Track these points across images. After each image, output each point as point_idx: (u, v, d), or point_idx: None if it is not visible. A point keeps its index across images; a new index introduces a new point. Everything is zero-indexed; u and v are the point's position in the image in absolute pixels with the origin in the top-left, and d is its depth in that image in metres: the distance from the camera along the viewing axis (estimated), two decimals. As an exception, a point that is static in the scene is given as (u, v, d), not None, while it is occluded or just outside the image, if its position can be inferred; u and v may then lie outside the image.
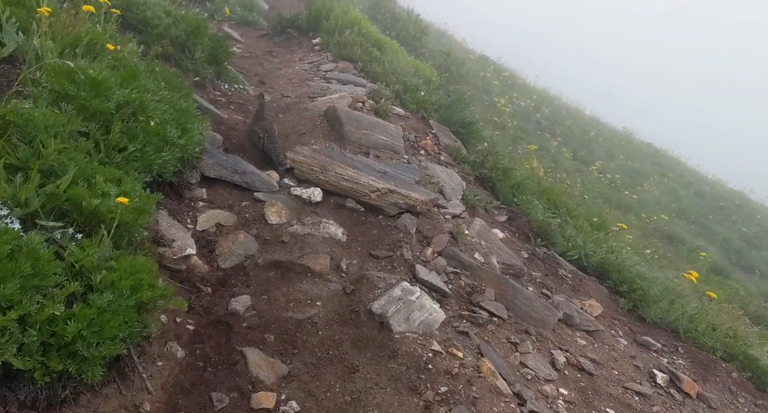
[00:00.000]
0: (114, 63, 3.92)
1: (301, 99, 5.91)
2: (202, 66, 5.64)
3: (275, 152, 4.62)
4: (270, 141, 4.66)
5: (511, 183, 5.40)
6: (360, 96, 6.01)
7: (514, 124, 15.22)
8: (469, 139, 6.06)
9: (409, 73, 8.17)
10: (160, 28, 5.29)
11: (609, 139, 20.13)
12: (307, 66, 7.17)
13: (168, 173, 3.49)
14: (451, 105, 6.17)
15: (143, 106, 3.46)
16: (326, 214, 4.18)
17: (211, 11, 9.35)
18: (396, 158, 5.13)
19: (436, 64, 13.03)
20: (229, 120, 5.09)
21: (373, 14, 13.99)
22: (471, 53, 20.20)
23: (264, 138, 4.64)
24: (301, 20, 8.11)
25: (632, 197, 14.04)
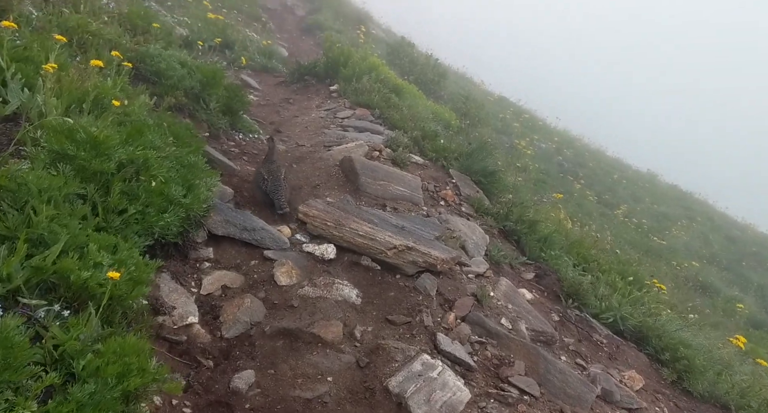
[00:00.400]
0: (121, 118, 3.79)
1: (317, 148, 5.74)
2: (216, 116, 5.53)
3: (277, 195, 4.46)
4: (273, 183, 4.51)
5: (538, 236, 5.08)
6: (377, 144, 5.83)
7: (536, 167, 14.94)
8: (491, 188, 5.79)
9: (428, 118, 8.02)
10: (174, 79, 5.21)
11: (633, 181, 19.70)
12: (324, 113, 7.06)
13: (171, 235, 3.28)
14: (472, 153, 5.94)
15: (147, 165, 3.28)
16: (339, 273, 3.90)
17: (230, 59, 9.42)
18: (415, 210, 4.88)
19: (455, 108, 12.97)
20: (242, 171, 4.92)
21: (391, 59, 14.08)
22: (490, 95, 20.20)
23: (268, 180, 4.52)
24: (318, 67, 8.08)
25: (661, 243, 13.51)
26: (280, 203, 4.45)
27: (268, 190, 4.51)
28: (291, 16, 15.79)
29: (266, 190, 4.51)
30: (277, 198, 4.46)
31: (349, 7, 17.69)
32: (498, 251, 4.65)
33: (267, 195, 4.51)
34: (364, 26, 16.10)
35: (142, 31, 6.57)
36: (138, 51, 5.19)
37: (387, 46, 14.95)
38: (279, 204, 4.45)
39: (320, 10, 15.85)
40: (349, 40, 14.13)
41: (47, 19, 4.53)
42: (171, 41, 6.98)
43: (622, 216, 15.23)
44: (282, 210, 4.43)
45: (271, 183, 4.52)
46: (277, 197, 4.46)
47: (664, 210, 18.04)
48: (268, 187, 4.51)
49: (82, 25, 4.73)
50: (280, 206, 4.43)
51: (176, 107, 5.26)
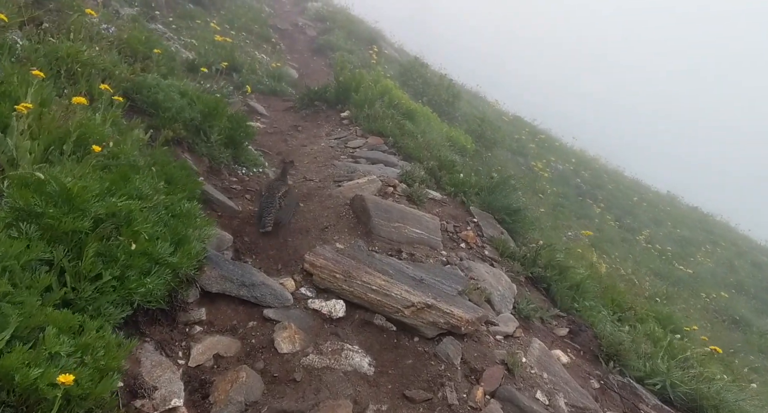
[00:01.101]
0: (105, 162, 3.38)
1: (326, 183, 5.31)
2: (218, 150, 5.13)
3: (265, 212, 4.32)
4: (266, 200, 4.39)
5: (569, 283, 4.58)
6: (390, 179, 5.38)
7: (554, 190, 14.43)
8: (516, 227, 5.31)
9: (444, 145, 7.58)
10: (173, 111, 4.83)
11: (654, 204, 19.07)
12: (334, 142, 6.65)
13: (154, 301, 2.83)
14: (494, 188, 5.48)
15: (130, 218, 2.85)
16: (349, 336, 3.43)
17: (238, 83, 9.09)
18: (433, 255, 4.40)
19: (470, 130, 12.55)
20: (243, 212, 4.49)
21: (404, 80, 13.73)
22: (504, 115, 19.76)
23: (264, 196, 4.43)
24: (329, 92, 7.70)
25: (687, 272, 12.86)
26: (264, 221, 4.27)
27: (261, 205, 4.41)
28: (302, 37, 15.55)
29: (261, 204, 4.42)
30: (264, 215, 4.31)
31: (361, 26, 17.43)
32: (527, 303, 4.15)
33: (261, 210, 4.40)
34: (376, 46, 15.80)
35: (143, 57, 6.24)
36: (134, 81, 4.82)
37: (400, 66, 14.61)
38: (263, 221, 4.28)
39: (332, 30, 15.59)
40: (360, 60, 13.82)
41: (33, 48, 4.17)
42: (173, 67, 6.64)
43: (645, 242, 14.62)
44: (264, 228, 4.24)
45: (264, 199, 4.41)
46: (265, 214, 4.31)
47: (686, 234, 17.39)
48: (262, 203, 4.41)
49: (72, 55, 4.37)
50: (263, 224, 4.26)
51: (174, 141, 4.87)
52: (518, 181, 5.73)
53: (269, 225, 4.26)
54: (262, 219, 4.30)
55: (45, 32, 4.94)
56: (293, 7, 18.80)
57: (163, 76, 6.41)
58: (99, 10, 6.38)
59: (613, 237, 13.76)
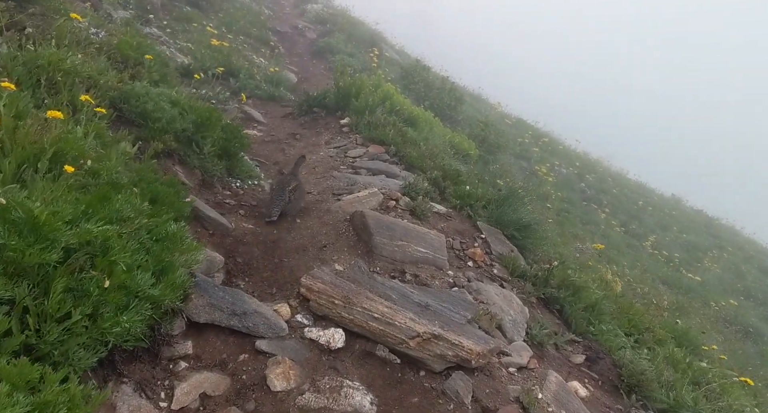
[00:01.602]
0: (84, 181, 3.10)
1: (324, 196, 5.03)
2: (211, 162, 4.86)
3: (272, 204, 4.54)
4: (276, 192, 4.59)
5: (584, 304, 4.30)
6: (392, 192, 5.11)
7: (558, 195, 14.15)
8: (526, 244, 5.03)
9: (447, 152, 7.31)
10: (163, 122, 4.56)
11: (659, 208, 18.78)
12: (334, 151, 6.37)
13: (132, 340, 2.55)
14: (503, 201, 5.20)
15: (106, 247, 2.58)
16: (349, 370, 3.15)
17: (235, 89, 8.83)
18: (439, 276, 4.12)
19: (473, 134, 12.29)
20: (237, 230, 4.21)
21: (405, 84, 13.46)
22: (507, 118, 19.49)
23: (274, 189, 4.64)
24: (328, 98, 7.43)
25: (695, 279, 12.56)
26: (271, 210, 4.50)
27: (271, 197, 4.63)
28: (302, 39, 15.29)
29: (270, 197, 4.64)
30: (272, 205, 4.52)
31: (361, 28, 17.17)
32: (540, 328, 3.87)
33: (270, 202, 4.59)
34: (377, 49, 15.53)
35: (134, 63, 5.97)
36: (122, 90, 4.55)
37: (401, 69, 14.35)
38: (270, 211, 4.50)
39: (332, 33, 15.33)
40: (361, 63, 13.56)
41: (11, 56, 3.90)
42: (166, 74, 6.37)
43: (651, 248, 14.33)
44: (269, 217, 4.46)
45: (275, 191, 4.61)
46: (273, 204, 4.53)
47: (692, 239, 17.09)
48: (273, 195, 4.61)
49: (53, 63, 4.09)
50: (270, 213, 4.48)
51: (165, 153, 4.60)
52: (527, 193, 5.44)
53: (275, 215, 4.47)
54: (269, 209, 4.51)
55: (28, 38, 4.67)
56: (293, 9, 18.54)
57: (155, 83, 6.15)
58: (88, 13, 6.12)
59: (619, 243, 13.47)
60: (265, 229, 4.31)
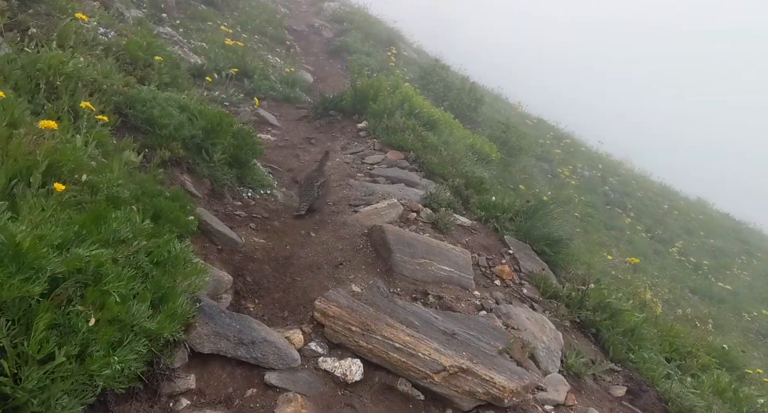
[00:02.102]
0: (79, 198, 2.84)
1: (340, 207, 4.74)
2: (221, 170, 4.59)
3: (302, 197, 4.72)
4: (305, 188, 4.76)
5: (623, 328, 3.95)
6: (413, 203, 4.79)
7: (582, 200, 13.71)
8: (557, 260, 4.68)
9: (468, 157, 6.98)
10: (170, 128, 4.30)
11: (685, 212, 18.19)
12: (350, 157, 6.08)
13: (125, 380, 2.28)
14: (531, 214, 4.85)
15: (99, 275, 2.31)
16: (367, 407, 2.86)
17: (248, 90, 8.58)
18: (465, 298, 3.80)
19: (494, 137, 11.92)
20: (247, 245, 3.93)
21: (424, 84, 13.12)
22: (528, 118, 19.03)
23: (303, 184, 4.82)
24: (345, 101, 7.13)
25: (726, 288, 12.05)
26: (300, 205, 4.67)
27: (300, 192, 4.85)
28: (318, 38, 15.02)
29: (299, 193, 4.86)
30: (301, 200, 4.72)
31: (378, 26, 16.85)
32: (577, 356, 3.53)
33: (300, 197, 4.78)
34: (395, 47, 15.22)
35: (144, 64, 5.73)
36: (127, 94, 4.30)
37: (419, 69, 14.01)
38: (299, 205, 4.68)
39: (348, 31, 15.04)
40: (378, 63, 13.25)
41: (8, 58, 3.66)
42: (177, 76, 6.12)
43: (678, 254, 13.82)
44: (298, 211, 4.62)
45: (304, 187, 4.79)
46: (302, 199, 4.71)
47: (720, 244, 16.51)
48: (301, 190, 4.83)
49: (54, 66, 3.85)
50: (299, 208, 4.65)
51: (172, 161, 4.34)
52: (557, 203, 5.09)
53: (303, 209, 4.62)
54: (299, 204, 4.70)
55: (31, 39, 4.45)
56: (309, 7, 18.29)
57: (164, 86, 5.91)
58: (96, 13, 5.90)
59: (645, 250, 13.01)
60: (277, 244, 4.02)
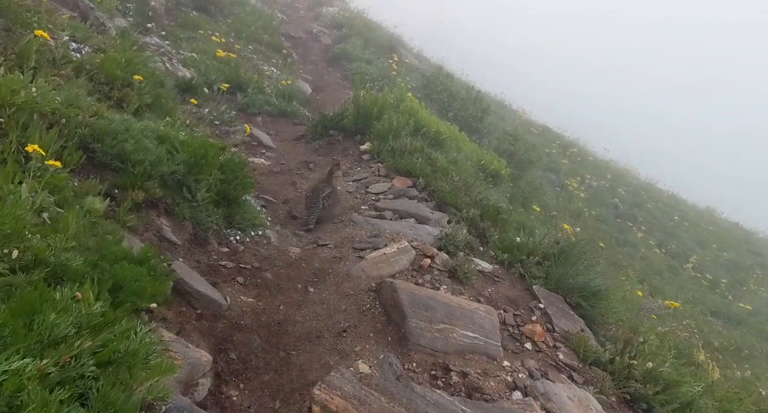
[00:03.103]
0: (8, 280, 2.22)
1: (343, 251, 4.12)
2: (206, 210, 3.97)
3: (311, 211, 4.69)
4: (311, 201, 4.73)
5: (678, 403, 3.33)
6: (426, 246, 4.18)
7: (592, 214, 13.11)
8: (595, 315, 4.07)
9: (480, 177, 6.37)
10: (145, 165, 3.68)
11: (695, 223, 17.62)
12: (353, 185, 5.46)
13: None
14: (562, 257, 4.24)
15: (16, 407, 1.69)
16: None
17: (242, 105, 7.98)
18: (493, 373, 3.19)
19: (501, 149, 11.34)
20: (233, 307, 3.31)
21: (427, 93, 12.54)
22: (533, 126, 18.43)
23: (309, 197, 4.77)
24: (346, 119, 6.52)
25: (746, 308, 11.45)
26: (308, 219, 4.65)
27: (307, 205, 4.76)
28: (317, 45, 14.42)
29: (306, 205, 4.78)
30: (308, 214, 4.68)
31: (379, 32, 16.25)
32: (628, 449, 2.91)
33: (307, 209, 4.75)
34: (396, 54, 14.62)
35: (122, 84, 5.12)
36: (95, 126, 3.68)
37: (422, 77, 13.41)
38: (307, 220, 4.66)
39: (348, 38, 14.43)
40: (379, 71, 12.66)
41: (-56, 90, 3.04)
42: (160, 95, 5.51)
43: (693, 270, 13.22)
44: (307, 226, 4.60)
45: (309, 200, 4.75)
46: (309, 213, 4.68)
47: (733, 257, 15.93)
48: (308, 203, 4.76)
49: (3, 95, 3.23)
50: (307, 222, 4.64)
51: (148, 203, 3.72)
52: (589, 243, 4.47)
53: (311, 223, 4.61)
54: (306, 218, 4.68)
55: (-14, 60, 3.84)
56: (307, 12, 17.69)
57: (145, 108, 5.31)
58: (67, 26, 5.28)
59: (659, 267, 12.43)
60: (268, 304, 3.40)
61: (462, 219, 5.22)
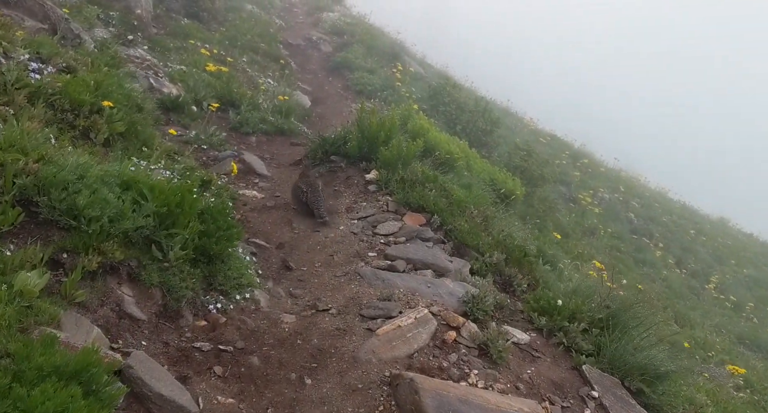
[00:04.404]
0: None
1: (348, 319, 3.39)
2: (180, 273, 3.25)
3: (317, 205, 4.88)
4: (313, 194, 4.92)
5: None
6: (450, 314, 3.46)
7: (608, 232, 12.39)
8: (662, 404, 3.31)
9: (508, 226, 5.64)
10: (103, 222, 2.95)
11: (712, 236, 16.92)
12: (358, 224, 4.74)
13: None
14: (614, 323, 3.49)
15: None
16: None
17: (235, 124, 7.25)
18: None
19: (512, 165, 10.63)
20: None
21: (433, 104, 11.81)
22: (542, 135, 17.66)
23: (307, 192, 4.93)
24: (350, 144, 5.79)
25: (776, 335, 10.72)
26: (320, 212, 4.85)
27: (308, 200, 4.91)
28: (316, 53, 13.70)
29: (306, 201, 4.93)
30: (317, 207, 4.86)
31: (382, 39, 15.50)
32: None
33: (306, 205, 4.93)
34: (400, 63, 13.89)
35: (90, 110, 4.42)
36: (39, 175, 2.95)
37: (428, 87, 12.68)
38: (319, 213, 4.85)
39: (350, 45, 13.71)
40: (382, 80, 11.95)
41: None
42: (135, 122, 4.79)
43: (715, 291, 12.50)
44: (322, 218, 4.82)
45: (310, 194, 4.92)
46: (317, 206, 4.87)
47: (753, 274, 15.21)
48: (308, 197, 4.91)
49: None
50: (320, 215, 4.83)
51: (106, 269, 3.00)
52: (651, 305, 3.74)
53: (326, 215, 4.85)
54: (316, 212, 4.85)
55: None
56: (307, 18, 16.97)
57: (118, 136, 4.60)
58: (24, 43, 4.56)
59: (680, 288, 11.71)
60: (253, 407, 2.67)
61: (485, 266, 4.51)
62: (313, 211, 4.85)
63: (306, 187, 4.95)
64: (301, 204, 4.95)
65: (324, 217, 4.81)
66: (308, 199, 4.90)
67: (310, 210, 4.87)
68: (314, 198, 4.88)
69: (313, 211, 4.85)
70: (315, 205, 4.85)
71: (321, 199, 4.91)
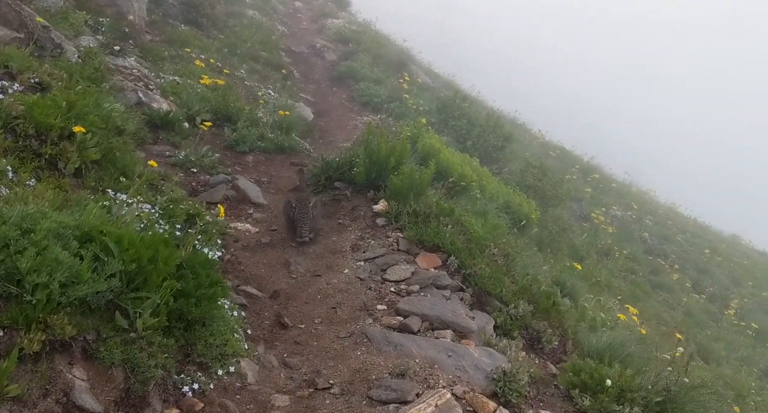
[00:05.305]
0: None
1: (353, 401, 2.81)
2: (149, 344, 2.67)
3: (301, 223, 4.55)
4: (300, 211, 4.59)
5: None
6: (477, 400, 2.87)
7: (623, 253, 11.78)
8: None
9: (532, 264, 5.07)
10: (52, 289, 2.37)
11: (728, 256, 16.30)
12: (365, 267, 4.16)
13: None
14: (675, 407, 2.89)
15: None
16: None
17: (231, 142, 6.68)
18: None
19: (525, 184, 10.07)
20: None
21: (442, 118, 11.24)
22: (551, 149, 17.08)
23: (296, 207, 4.63)
24: (356, 170, 5.21)
25: (805, 369, 10.08)
26: (301, 231, 4.53)
27: (294, 216, 4.60)
28: (320, 62, 13.16)
29: (293, 216, 4.61)
30: (300, 225, 4.54)
31: (388, 48, 14.96)
32: None
33: (293, 222, 4.60)
34: (407, 73, 13.34)
35: (60, 136, 3.85)
36: (-28, 229, 2.37)
37: (436, 99, 12.11)
38: (300, 231, 4.53)
39: (355, 54, 13.16)
40: (388, 91, 11.40)
41: None
42: (113, 147, 4.22)
43: (735, 317, 11.89)
44: (302, 237, 4.52)
45: (298, 210, 4.60)
46: (301, 224, 4.54)
47: (771, 296, 14.56)
48: (295, 213, 4.60)
49: None
50: (301, 234, 4.53)
51: (54, 347, 2.42)
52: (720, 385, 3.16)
53: (306, 234, 4.52)
54: (298, 230, 4.52)
55: None
56: (311, 24, 16.42)
57: (92, 165, 4.03)
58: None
59: (699, 315, 11.09)
60: None
61: (510, 320, 3.93)
62: (295, 229, 4.54)
63: (296, 202, 4.67)
64: (289, 220, 4.63)
65: (304, 237, 4.50)
66: (294, 215, 4.58)
67: (294, 227, 4.57)
68: (301, 214, 4.55)
69: (295, 229, 4.54)
70: (299, 223, 4.53)
71: (307, 217, 4.57)
